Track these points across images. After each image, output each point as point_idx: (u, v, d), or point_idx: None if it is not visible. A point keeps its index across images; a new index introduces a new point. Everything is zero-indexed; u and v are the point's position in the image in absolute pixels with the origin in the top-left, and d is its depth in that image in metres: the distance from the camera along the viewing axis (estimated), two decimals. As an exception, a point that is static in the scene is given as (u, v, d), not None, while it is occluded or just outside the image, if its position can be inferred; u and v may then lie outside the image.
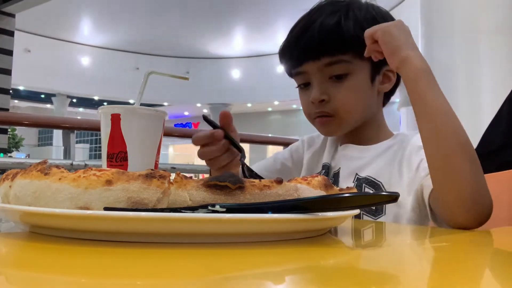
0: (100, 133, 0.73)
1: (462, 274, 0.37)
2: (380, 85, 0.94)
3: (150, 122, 0.73)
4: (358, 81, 0.91)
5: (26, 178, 0.45)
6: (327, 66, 0.90)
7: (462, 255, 0.48)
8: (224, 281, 0.32)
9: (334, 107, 0.91)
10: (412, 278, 0.36)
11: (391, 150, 0.92)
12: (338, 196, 0.45)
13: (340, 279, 0.33)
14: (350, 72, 0.90)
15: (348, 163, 0.94)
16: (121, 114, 0.70)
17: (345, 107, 0.91)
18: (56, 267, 0.35)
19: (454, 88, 3.94)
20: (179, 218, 0.40)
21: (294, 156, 1.08)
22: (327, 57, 0.89)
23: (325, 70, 0.90)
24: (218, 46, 16.62)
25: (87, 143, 24.78)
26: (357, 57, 0.89)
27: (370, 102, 0.94)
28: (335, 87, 0.90)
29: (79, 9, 14.49)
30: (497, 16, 3.92)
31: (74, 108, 21.05)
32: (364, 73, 0.91)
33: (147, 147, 0.72)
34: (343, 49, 0.89)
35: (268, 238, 0.45)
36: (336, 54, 0.89)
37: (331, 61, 0.89)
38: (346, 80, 0.90)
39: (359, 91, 0.91)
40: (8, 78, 5.25)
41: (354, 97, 0.91)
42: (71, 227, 0.43)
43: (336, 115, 0.91)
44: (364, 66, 0.91)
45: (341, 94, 0.90)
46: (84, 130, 13.79)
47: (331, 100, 0.91)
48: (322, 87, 0.91)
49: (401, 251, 0.49)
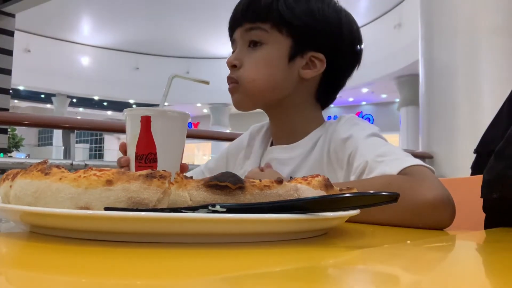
0: (126, 134, 0.75)
1: (462, 274, 0.37)
2: (302, 69, 0.91)
3: (177, 124, 0.75)
4: (271, 54, 0.90)
5: (26, 178, 0.45)
6: (247, 31, 0.91)
7: (462, 255, 0.48)
8: (224, 281, 0.32)
9: (241, 74, 0.90)
10: (412, 278, 0.36)
11: (318, 144, 0.91)
12: (338, 196, 0.45)
13: (340, 279, 0.33)
14: (265, 42, 0.90)
15: (282, 167, 0.92)
16: (152, 116, 0.72)
17: (250, 74, 0.90)
18: (56, 267, 0.35)
19: (454, 88, 3.94)
20: (179, 218, 0.40)
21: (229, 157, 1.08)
22: (248, 23, 0.91)
23: (245, 36, 0.92)
24: (218, 46, 16.61)
25: (87, 143, 24.80)
26: (276, 30, 0.90)
27: (283, 80, 0.91)
28: (249, 55, 0.91)
29: (79, 9, 14.50)
30: (497, 16, 3.93)
31: (74, 108, 21.07)
32: (280, 48, 0.90)
33: (175, 149, 0.74)
34: (261, 17, 0.90)
35: (268, 238, 0.45)
36: (255, 21, 0.90)
37: (251, 27, 0.91)
38: (259, 49, 0.91)
39: (268, 64, 0.90)
40: (8, 78, 5.25)
41: (261, 67, 0.90)
42: (71, 227, 0.43)
43: (241, 82, 0.90)
44: (282, 41, 0.90)
45: (249, 62, 0.90)
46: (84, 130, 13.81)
47: (241, 67, 0.91)
48: (239, 53, 0.92)
49: (401, 251, 0.49)
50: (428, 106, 4.27)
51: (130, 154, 0.74)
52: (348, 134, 0.85)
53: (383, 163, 0.75)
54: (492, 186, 0.67)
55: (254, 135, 1.07)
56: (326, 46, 0.91)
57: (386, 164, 0.75)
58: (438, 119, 4.16)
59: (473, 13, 3.96)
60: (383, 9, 12.87)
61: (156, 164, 0.72)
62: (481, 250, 0.54)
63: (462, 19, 4.00)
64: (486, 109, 3.68)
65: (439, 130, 4.16)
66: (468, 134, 3.75)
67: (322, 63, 0.91)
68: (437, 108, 4.14)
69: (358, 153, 0.80)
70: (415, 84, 5.70)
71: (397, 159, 0.76)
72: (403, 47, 11.24)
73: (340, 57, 0.93)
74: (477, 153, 1.05)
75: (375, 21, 13.02)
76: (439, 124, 4.16)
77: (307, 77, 0.91)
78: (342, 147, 0.85)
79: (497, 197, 0.66)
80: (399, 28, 12.09)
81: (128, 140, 0.75)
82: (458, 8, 4.04)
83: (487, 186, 0.68)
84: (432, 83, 4.19)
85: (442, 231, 0.68)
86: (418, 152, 4.35)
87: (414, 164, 0.74)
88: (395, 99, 15.58)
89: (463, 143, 3.76)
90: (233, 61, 0.91)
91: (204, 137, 4.14)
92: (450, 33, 4.06)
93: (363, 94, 16.54)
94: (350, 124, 0.90)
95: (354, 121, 0.91)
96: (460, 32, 4.00)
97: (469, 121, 3.89)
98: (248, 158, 1.03)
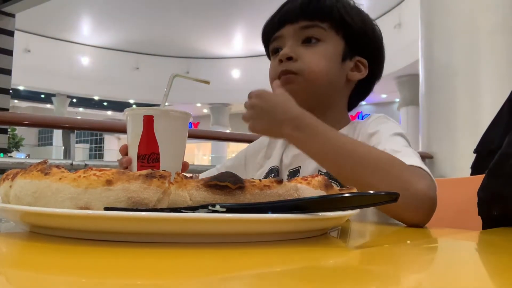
0: (127, 134, 0.75)
1: (462, 274, 0.37)
2: (349, 71, 0.95)
3: (179, 123, 0.75)
4: (329, 51, 0.93)
5: (26, 178, 0.45)
6: (303, 29, 0.93)
7: (462, 255, 0.48)
8: (224, 281, 0.32)
9: (299, 66, 0.91)
10: (412, 278, 0.36)
11: None
12: (338, 196, 0.45)
13: (340, 279, 0.33)
14: (323, 39, 0.92)
15: (310, 161, 0.92)
16: (154, 116, 0.72)
17: (311, 66, 0.91)
18: (56, 267, 0.35)
19: (454, 88, 3.94)
20: (179, 218, 0.40)
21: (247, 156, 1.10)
22: (305, 20, 0.92)
23: (300, 33, 0.93)
24: (218, 46, 16.63)
25: (87, 143, 24.80)
26: (333, 30, 0.93)
27: (336, 78, 0.94)
28: (306, 50, 0.92)
29: (79, 9, 14.50)
30: (497, 16, 3.93)
31: (74, 108, 21.06)
32: (336, 47, 0.94)
33: (177, 148, 0.75)
34: (321, 16, 0.92)
35: (268, 238, 0.45)
36: (313, 19, 0.92)
37: (308, 25, 0.92)
38: (317, 46, 0.92)
39: (327, 59, 0.92)
40: (8, 78, 5.24)
41: (322, 60, 0.92)
42: (71, 227, 0.43)
43: (300, 73, 0.91)
44: (338, 42, 0.94)
45: (309, 55, 0.92)
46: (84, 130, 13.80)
47: (298, 59, 0.92)
48: (293, 47, 0.93)
49: (401, 251, 0.49)
50: (428, 106, 4.27)
51: (132, 154, 0.74)
52: (375, 129, 0.89)
53: (398, 154, 0.77)
54: (490, 204, 0.67)
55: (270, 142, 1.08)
56: (370, 53, 0.97)
57: (400, 156, 0.76)
58: (438, 119, 4.16)
59: (473, 13, 3.96)
60: (383, 9, 12.86)
61: (159, 163, 0.72)
62: (481, 250, 0.54)
63: (462, 19, 4.00)
64: (486, 109, 3.67)
65: (439, 130, 4.16)
66: (468, 134, 3.75)
67: (365, 68, 0.96)
68: (437, 108, 4.14)
69: (380, 145, 0.82)
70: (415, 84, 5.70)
71: (411, 156, 0.78)
72: (403, 47, 11.24)
73: (378, 65, 0.99)
74: (477, 153, 1.05)
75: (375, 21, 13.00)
76: (439, 124, 4.15)
77: (354, 79, 0.96)
78: (368, 141, 0.87)
79: (498, 215, 0.66)
80: (399, 28, 12.09)
81: (129, 140, 0.75)
82: (458, 8, 4.04)
83: (484, 205, 0.68)
84: (432, 83, 4.19)
85: (441, 230, 0.68)
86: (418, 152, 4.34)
87: (422, 168, 0.76)
88: (395, 99, 15.58)
89: (463, 143, 3.76)
90: (289, 53, 0.91)
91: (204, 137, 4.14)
92: (450, 33, 4.06)
93: (363, 94, 16.50)
94: (378, 122, 0.93)
95: (383, 120, 0.94)
96: (460, 32, 4.00)
97: (469, 121, 3.89)
98: (268, 158, 1.05)
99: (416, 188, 0.69)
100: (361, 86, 1.00)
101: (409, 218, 0.70)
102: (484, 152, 1.01)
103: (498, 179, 0.66)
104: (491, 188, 0.67)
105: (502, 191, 0.65)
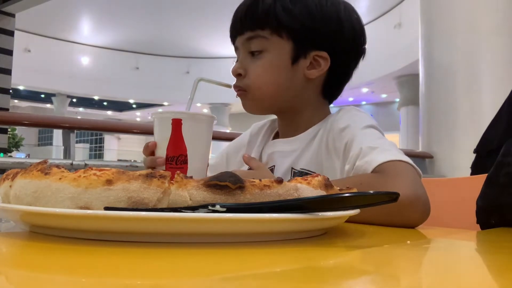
0: (154, 137, 0.79)
1: (462, 274, 0.37)
2: (307, 70, 0.91)
3: (205, 126, 0.79)
4: (274, 59, 0.91)
5: (26, 178, 0.45)
6: (248, 40, 0.92)
7: (462, 255, 0.48)
8: (224, 281, 0.32)
9: (246, 83, 0.92)
10: (412, 278, 0.36)
11: (318, 136, 0.92)
12: (338, 196, 0.45)
13: (340, 279, 0.33)
14: (266, 49, 0.91)
15: (283, 160, 0.94)
16: (183, 119, 0.75)
17: (256, 83, 0.91)
18: (56, 267, 0.35)
19: (454, 88, 3.94)
20: (179, 218, 0.40)
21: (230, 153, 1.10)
22: (248, 31, 0.92)
23: (246, 45, 0.92)
24: (218, 46, 16.61)
25: (87, 143, 24.78)
26: (276, 34, 0.90)
27: (289, 83, 0.92)
28: (252, 63, 0.92)
29: (79, 9, 14.49)
30: (497, 16, 3.93)
31: (74, 108, 21.06)
32: (282, 52, 0.91)
33: (203, 150, 0.79)
34: (260, 24, 0.90)
35: (268, 238, 0.45)
36: (255, 29, 0.91)
37: (251, 36, 0.91)
38: (261, 57, 0.91)
39: (273, 70, 0.91)
40: (8, 78, 5.24)
41: (266, 74, 0.91)
42: (71, 227, 0.43)
43: (248, 90, 0.92)
44: (283, 45, 0.90)
45: (253, 70, 0.91)
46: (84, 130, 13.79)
47: (246, 75, 0.92)
48: (243, 61, 0.93)
49: (400, 251, 0.49)
50: (428, 106, 4.27)
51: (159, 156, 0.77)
52: (346, 124, 0.86)
53: (375, 150, 0.76)
54: (488, 213, 0.67)
55: (255, 133, 1.08)
56: (328, 44, 0.91)
57: (378, 152, 0.76)
58: (438, 119, 4.16)
59: (473, 13, 3.96)
60: (383, 9, 12.86)
61: (187, 165, 0.75)
62: (481, 250, 0.54)
63: (462, 19, 4.00)
64: (486, 109, 3.68)
65: (439, 130, 4.16)
66: (468, 134, 3.76)
67: (326, 61, 0.91)
68: (437, 108, 4.14)
69: (355, 142, 0.81)
70: (415, 84, 5.70)
71: (388, 150, 0.77)
72: (403, 47, 11.24)
73: (344, 53, 0.93)
74: (477, 153, 1.06)
75: (375, 21, 13.02)
76: (439, 124, 4.16)
77: (312, 77, 0.92)
78: (339, 136, 0.86)
79: (495, 223, 0.66)
80: (399, 28, 12.08)
81: (158, 142, 0.78)
82: (458, 8, 4.04)
83: (482, 214, 0.68)
84: (432, 83, 4.19)
85: (441, 230, 0.68)
86: (418, 152, 4.35)
87: (402, 160, 0.74)
88: (395, 99, 15.57)
89: (463, 143, 3.76)
90: (237, 70, 0.92)
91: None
92: (450, 33, 4.06)
93: (363, 94, 16.53)
94: (349, 115, 0.91)
95: (353, 112, 0.92)
96: (460, 32, 4.00)
97: (469, 121, 3.89)
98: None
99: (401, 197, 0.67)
100: (335, 77, 0.95)
101: (408, 223, 0.69)
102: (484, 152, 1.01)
103: (494, 189, 0.66)
104: (488, 197, 0.67)
105: (499, 200, 0.65)
